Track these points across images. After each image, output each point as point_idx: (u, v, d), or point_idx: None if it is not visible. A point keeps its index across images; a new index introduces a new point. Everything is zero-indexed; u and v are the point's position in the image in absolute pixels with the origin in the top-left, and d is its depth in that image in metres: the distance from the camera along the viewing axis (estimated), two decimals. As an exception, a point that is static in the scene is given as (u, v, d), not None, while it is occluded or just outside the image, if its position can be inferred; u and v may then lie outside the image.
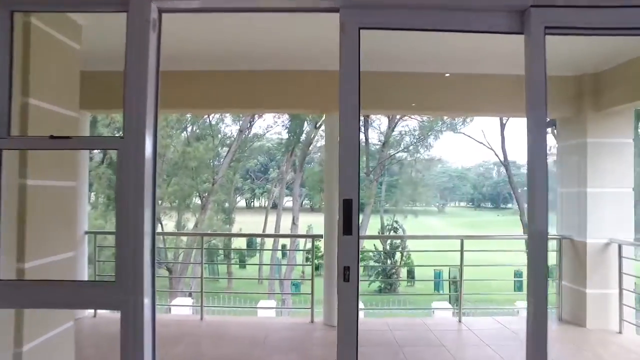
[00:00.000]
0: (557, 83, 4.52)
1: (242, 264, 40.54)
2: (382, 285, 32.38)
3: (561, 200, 4.83)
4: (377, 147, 19.91)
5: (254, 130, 33.52)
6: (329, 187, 4.37)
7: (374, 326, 4.91)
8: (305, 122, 22.53)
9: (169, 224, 18.53)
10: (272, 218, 31.50)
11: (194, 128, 19.83)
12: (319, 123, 19.26)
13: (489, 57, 3.99)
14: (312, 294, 4.88)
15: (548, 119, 5.34)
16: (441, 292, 32.19)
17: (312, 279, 4.83)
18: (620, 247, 4.35)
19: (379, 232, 35.26)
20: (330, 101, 4.39)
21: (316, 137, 20.86)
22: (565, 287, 4.67)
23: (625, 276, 4.34)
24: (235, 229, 28.94)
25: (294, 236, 18.74)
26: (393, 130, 18.74)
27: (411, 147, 22.81)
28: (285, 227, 30.60)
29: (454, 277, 25.07)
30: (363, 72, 1.76)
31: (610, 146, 4.47)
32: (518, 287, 32.36)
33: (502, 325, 4.63)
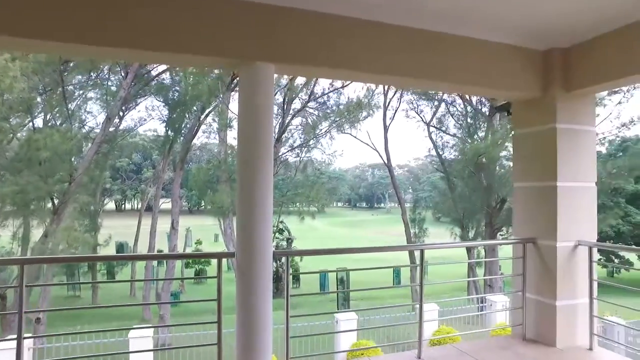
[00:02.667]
0: (524, 56, 3.81)
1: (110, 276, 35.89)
2: (275, 290, 31.34)
3: (521, 196, 4.14)
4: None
5: (125, 123, 29.63)
6: (247, 184, 2.95)
7: None
8: (186, 117, 20.21)
9: (2, 235, 14.57)
10: (146, 221, 28.26)
11: (46, 115, 16.15)
12: (207, 112, 17.21)
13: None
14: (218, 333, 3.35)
15: (504, 102, 4.70)
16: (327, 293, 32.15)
17: (218, 317, 3.26)
18: (591, 250, 3.78)
19: (265, 234, 34.10)
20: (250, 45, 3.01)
21: (199, 133, 18.81)
22: (530, 301, 3.96)
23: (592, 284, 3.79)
24: (103, 236, 25.08)
25: (193, 256, 16.28)
26: (288, 125, 17.67)
27: (305, 146, 22.02)
28: (162, 230, 27.58)
29: (342, 278, 24.86)
30: None
31: (577, 134, 3.88)
32: (397, 282, 34.03)
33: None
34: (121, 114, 30.49)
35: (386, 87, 24.03)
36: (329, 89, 18.64)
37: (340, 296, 28.01)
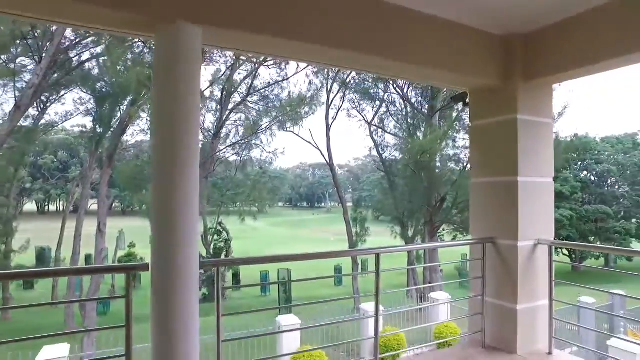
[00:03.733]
0: (482, 39, 3.51)
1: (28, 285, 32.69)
2: (207, 293, 30.02)
3: (479, 193, 3.86)
4: (208, 138, 17.70)
5: (48, 117, 27.10)
6: (166, 183, 2.31)
7: None
8: (118, 109, 18.63)
9: None
10: (71, 224, 26.01)
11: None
12: (139, 104, 15.87)
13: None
14: None
15: (459, 92, 4.39)
16: (268, 294, 31.59)
17: (127, 348, 2.66)
18: (551, 249, 3.56)
19: (201, 236, 32.72)
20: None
21: (130, 127, 17.35)
22: (490, 305, 3.67)
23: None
24: (19, 241, 22.72)
25: (96, 271, 14.59)
26: (226, 121, 16.76)
27: (245, 143, 21.19)
28: (90, 233, 25.52)
29: (283, 278, 24.24)
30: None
31: (537, 126, 3.65)
32: (338, 282, 34.05)
33: None
34: (42, 106, 27.84)
35: (329, 85, 23.88)
36: (269, 82, 18.03)
37: (282, 297, 27.47)
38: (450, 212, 19.39)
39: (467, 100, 3.98)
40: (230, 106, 16.39)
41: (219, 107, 16.63)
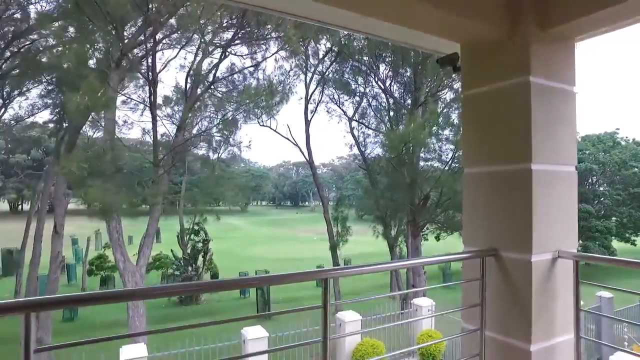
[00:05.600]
0: (484, -28, 2.49)
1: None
2: (182, 296, 28.73)
3: (474, 187, 2.83)
4: (171, 131, 16.44)
5: (12, 111, 25.47)
6: None
7: None
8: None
9: None
10: (48, 225, 24.67)
11: None
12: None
13: None
14: None
15: (449, 53, 3.33)
16: (247, 295, 30.46)
17: None
18: (577, 264, 2.56)
19: (177, 236, 31.30)
20: None
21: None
22: (492, 343, 2.64)
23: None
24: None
25: None
26: (191, 109, 15.44)
27: (216, 138, 19.97)
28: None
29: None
30: None
31: (556, 95, 2.64)
32: (318, 283, 33.45)
33: None
34: (6, 99, 26.11)
35: (308, 78, 22.82)
36: (237, 69, 16.81)
37: (260, 300, 26.35)
38: (434, 210, 18.54)
39: (459, 63, 2.96)
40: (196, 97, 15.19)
41: (183, 97, 15.45)
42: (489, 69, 2.74)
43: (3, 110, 26.74)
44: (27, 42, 17.05)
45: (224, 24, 15.05)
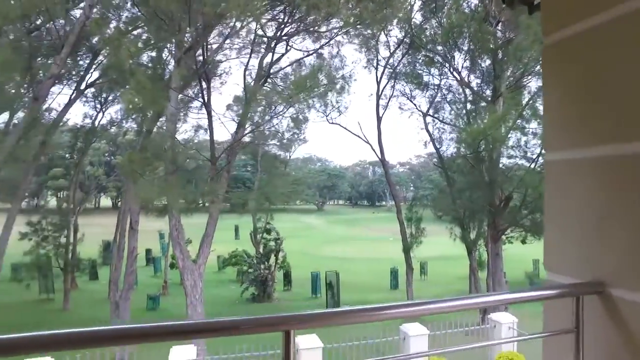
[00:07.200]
0: None
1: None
2: (255, 293, 29.17)
3: (563, 182, 1.84)
4: (231, 129, 16.33)
5: (109, 116, 27.41)
6: None
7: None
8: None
9: None
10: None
11: None
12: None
13: None
14: None
15: None
16: (318, 295, 30.14)
17: None
18: None
19: (250, 235, 31.91)
20: None
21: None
22: None
23: None
24: (89, 235, 23.55)
25: None
26: (251, 103, 15.07)
27: (285, 137, 19.76)
28: (149, 229, 25.74)
29: (330, 282, 22.45)
30: None
31: None
32: (394, 286, 31.97)
33: None
34: (100, 105, 28.26)
35: (379, 72, 21.82)
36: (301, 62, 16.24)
37: (329, 302, 25.89)
38: (518, 212, 16.57)
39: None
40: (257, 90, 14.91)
41: (245, 95, 15.28)
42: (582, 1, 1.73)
43: (101, 115, 29.02)
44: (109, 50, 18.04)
45: (286, 19, 14.69)
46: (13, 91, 16.01)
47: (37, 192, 52.56)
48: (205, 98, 13.48)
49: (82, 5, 15.31)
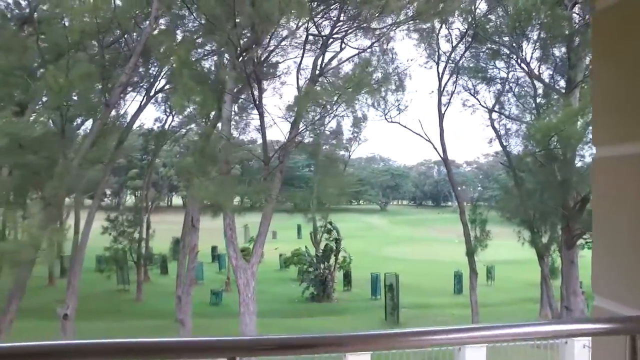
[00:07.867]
0: None
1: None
2: (315, 292, 29.18)
3: (614, 184, 1.44)
4: (284, 130, 16.35)
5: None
6: None
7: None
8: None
9: None
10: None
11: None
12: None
13: None
14: None
15: None
16: (378, 297, 29.53)
17: None
18: None
19: (310, 234, 32.04)
20: None
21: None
22: None
23: None
24: (159, 232, 24.81)
25: None
26: (304, 102, 14.96)
27: (344, 137, 19.55)
28: (213, 228, 26.74)
29: (390, 284, 21.86)
30: None
31: None
32: (458, 290, 30.62)
33: None
34: (169, 110, 29.84)
35: (440, 68, 20.91)
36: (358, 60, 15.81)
37: (388, 304, 25.21)
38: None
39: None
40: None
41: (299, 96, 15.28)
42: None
43: (171, 119, 30.59)
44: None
45: (340, 16, 14.49)
46: (95, 100, 17.49)
47: (119, 192, 57.11)
48: (257, 99, 13.68)
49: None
